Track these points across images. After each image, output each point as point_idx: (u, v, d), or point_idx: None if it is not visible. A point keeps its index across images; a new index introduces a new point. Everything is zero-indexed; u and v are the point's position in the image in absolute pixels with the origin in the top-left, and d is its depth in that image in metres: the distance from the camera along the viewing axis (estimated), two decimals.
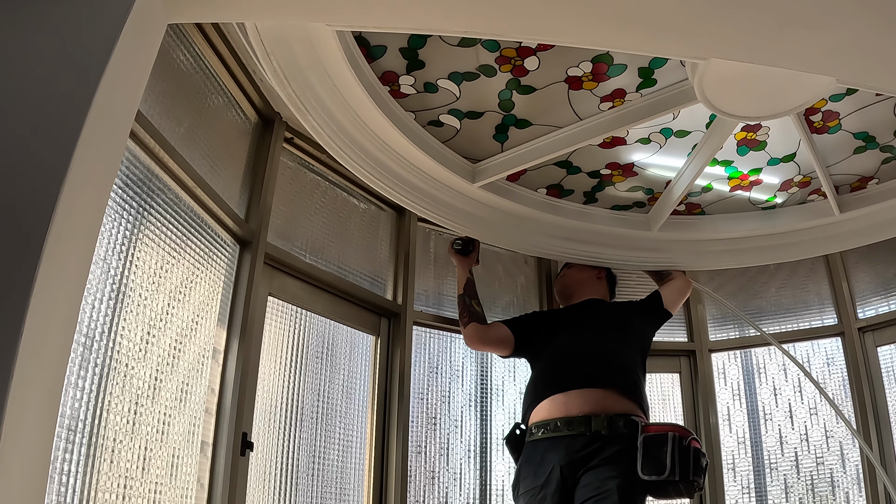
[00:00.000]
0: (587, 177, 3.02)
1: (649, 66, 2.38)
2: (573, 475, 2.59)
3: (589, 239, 3.29)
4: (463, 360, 3.36)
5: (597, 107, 2.58)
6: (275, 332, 2.58)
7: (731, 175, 3.02)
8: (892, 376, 3.35)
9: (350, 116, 2.48)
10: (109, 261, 1.75)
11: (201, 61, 2.26)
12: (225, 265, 2.35)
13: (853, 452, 3.34)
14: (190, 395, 2.11)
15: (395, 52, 2.30)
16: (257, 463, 2.40)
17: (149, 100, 1.89)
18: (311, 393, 2.70)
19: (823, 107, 2.57)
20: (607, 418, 2.64)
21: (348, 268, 2.96)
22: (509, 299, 3.56)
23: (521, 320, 3.14)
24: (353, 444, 2.85)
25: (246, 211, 2.49)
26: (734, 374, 3.68)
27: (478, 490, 3.20)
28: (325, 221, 2.90)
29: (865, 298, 3.52)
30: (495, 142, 2.77)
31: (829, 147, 2.80)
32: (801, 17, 1.72)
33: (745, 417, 3.59)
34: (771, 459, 3.49)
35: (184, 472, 2.06)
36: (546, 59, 2.34)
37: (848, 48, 1.81)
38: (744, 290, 3.75)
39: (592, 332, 2.98)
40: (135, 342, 1.86)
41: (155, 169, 1.95)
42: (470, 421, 3.28)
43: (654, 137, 2.78)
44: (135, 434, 1.85)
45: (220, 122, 2.40)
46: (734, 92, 2.38)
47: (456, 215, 3.03)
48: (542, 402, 2.78)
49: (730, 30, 1.78)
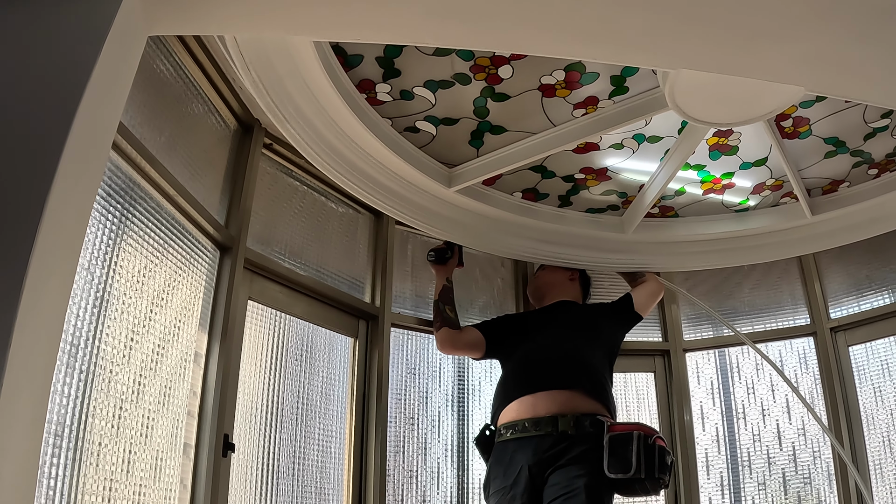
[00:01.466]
0: (562, 181, 3.08)
1: (621, 74, 2.44)
2: (541, 474, 2.64)
3: (564, 241, 3.34)
4: (441, 361, 3.40)
5: (570, 113, 2.63)
6: (255, 336, 2.62)
7: (704, 179, 3.08)
8: (863, 376, 3.43)
9: (328, 124, 2.51)
10: (92, 268, 1.78)
11: (181, 70, 2.29)
12: (206, 270, 2.39)
13: (826, 450, 3.41)
14: (172, 397, 2.14)
15: (371, 60, 2.35)
16: (239, 464, 2.43)
17: (130, 110, 1.92)
18: (291, 395, 2.74)
19: (794, 113, 2.64)
20: (574, 418, 2.69)
21: (327, 271, 3.00)
22: (486, 300, 3.61)
23: (493, 323, 3.19)
24: (333, 444, 2.88)
25: (226, 217, 2.53)
26: (709, 374, 3.75)
27: (455, 489, 3.25)
28: (303, 226, 2.94)
29: (837, 299, 3.59)
30: (471, 147, 2.82)
31: (801, 151, 2.87)
32: (769, 31, 1.77)
33: (720, 416, 3.65)
34: (745, 457, 3.56)
35: (167, 474, 2.09)
36: (520, 68, 2.39)
37: (815, 59, 1.87)
38: (717, 290, 3.82)
39: (561, 333, 3.03)
40: (118, 347, 1.89)
41: (137, 178, 1.98)
42: (448, 421, 3.33)
43: (627, 143, 2.84)
44: (119, 437, 1.88)
45: (199, 129, 2.43)
46: (705, 99, 2.43)
47: (433, 219, 3.08)
48: (511, 403, 2.83)
49: (699, 43, 1.83)
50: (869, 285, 3.50)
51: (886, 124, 2.70)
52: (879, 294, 3.46)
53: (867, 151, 2.87)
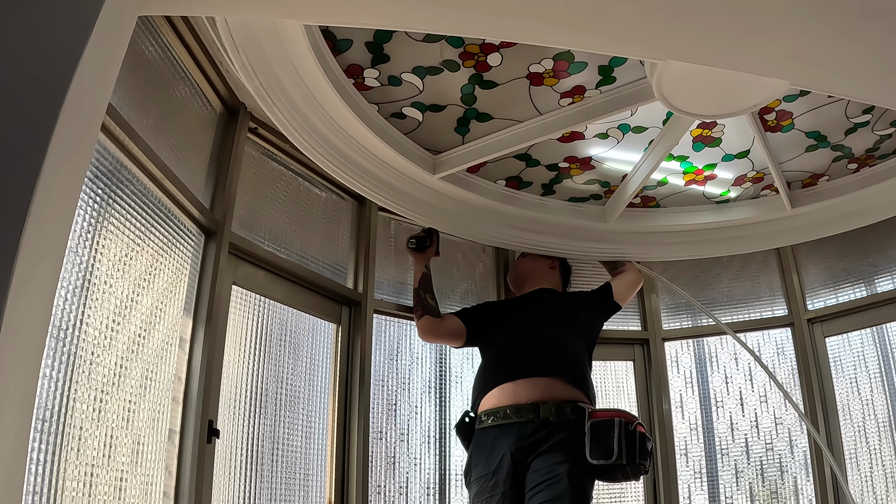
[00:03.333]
0: (546, 169, 3.09)
1: (609, 64, 2.44)
2: (524, 461, 2.66)
3: (546, 230, 3.36)
4: (421, 348, 3.40)
5: (557, 102, 2.64)
6: (239, 321, 2.60)
7: (686, 170, 3.10)
8: (839, 366, 3.48)
9: (315, 108, 2.50)
10: (76, 251, 1.76)
11: (168, 51, 2.26)
12: (191, 255, 2.37)
13: (801, 439, 3.47)
14: (154, 382, 2.12)
15: (360, 46, 2.33)
16: (222, 450, 2.42)
17: (118, 92, 1.89)
18: (274, 380, 2.73)
19: (777, 106, 2.66)
20: (555, 405, 2.71)
21: (310, 257, 2.99)
22: (467, 286, 3.61)
23: (473, 311, 3.20)
24: (316, 430, 2.88)
25: (211, 201, 2.50)
26: (687, 363, 3.79)
27: (436, 474, 3.26)
28: (287, 211, 2.92)
29: (815, 291, 3.64)
30: (457, 134, 2.82)
31: (782, 145, 2.90)
32: (757, 26, 1.79)
33: (698, 404, 3.70)
34: (722, 445, 3.61)
35: (148, 460, 2.08)
36: (508, 56, 2.39)
37: (801, 55, 1.89)
38: (697, 280, 3.85)
39: (541, 321, 3.05)
40: (100, 330, 1.87)
41: (123, 160, 1.96)
42: (428, 407, 3.34)
43: (612, 133, 2.85)
44: (100, 422, 1.87)
45: (186, 112, 2.40)
46: (691, 91, 2.45)
47: (416, 205, 3.08)
48: (492, 390, 2.84)
49: (689, 36, 1.85)
50: (846, 278, 3.55)
51: (867, 120, 2.74)
52: (856, 287, 3.51)
53: (847, 146, 2.91)
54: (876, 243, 3.50)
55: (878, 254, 3.49)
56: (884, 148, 2.92)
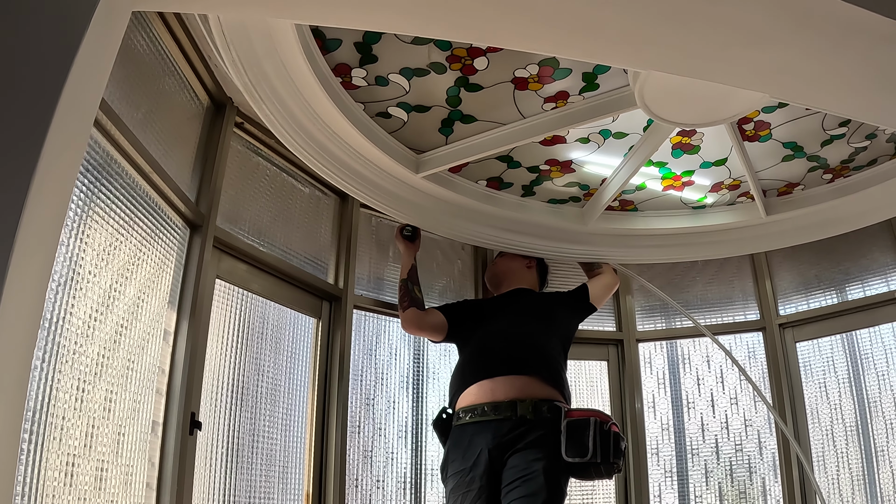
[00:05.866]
0: (526, 171, 3.12)
1: (593, 71, 2.48)
2: (500, 457, 2.70)
3: (525, 230, 3.39)
4: (398, 343, 3.44)
5: (540, 107, 2.67)
6: (221, 314, 2.62)
7: (665, 175, 3.15)
8: (809, 371, 3.56)
9: (302, 106, 2.52)
10: (66, 242, 1.78)
11: (158, 45, 2.27)
12: (176, 248, 2.38)
13: (770, 441, 3.54)
14: (136, 373, 2.13)
15: (349, 45, 2.36)
16: (203, 442, 2.44)
17: (109, 85, 1.90)
18: (255, 374, 2.75)
19: (756, 117, 2.72)
20: (532, 403, 2.75)
21: (292, 252, 3.01)
22: (446, 283, 3.65)
23: (454, 307, 3.23)
24: (295, 423, 2.90)
25: (196, 194, 2.52)
26: (659, 364, 3.85)
27: (410, 469, 3.29)
28: (271, 206, 2.94)
29: (787, 296, 3.72)
30: (440, 135, 2.84)
31: (760, 154, 2.96)
32: (740, 39, 1.83)
33: (669, 405, 3.76)
34: (693, 445, 3.67)
35: (130, 450, 2.09)
36: (495, 60, 2.42)
37: (782, 68, 1.94)
38: (672, 284, 3.91)
39: (518, 320, 3.08)
40: (83, 320, 1.88)
41: (112, 152, 1.97)
42: (405, 402, 3.37)
43: (594, 137, 2.89)
44: (83, 412, 1.88)
45: (174, 105, 2.41)
46: (672, 100, 2.50)
47: (398, 203, 3.10)
48: (470, 387, 2.88)
49: (673, 47, 1.89)
50: (818, 285, 3.62)
51: (843, 132, 2.80)
52: (827, 294, 3.58)
53: (823, 157, 2.97)
54: (848, 252, 3.57)
55: (850, 262, 3.57)
56: (858, 160, 2.98)
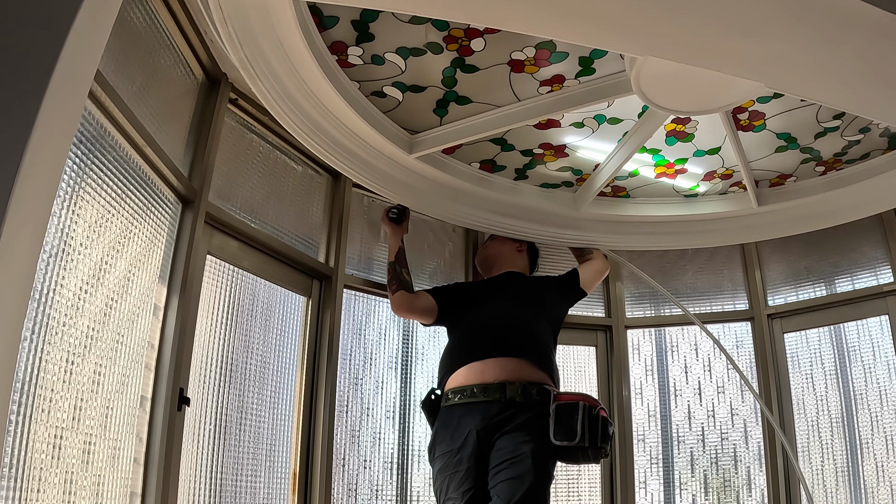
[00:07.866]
0: (520, 155, 3.12)
1: (590, 56, 2.47)
2: (489, 439, 2.71)
3: (517, 214, 3.39)
4: (388, 324, 3.44)
5: (536, 90, 2.66)
6: (211, 291, 2.61)
7: (658, 163, 3.15)
8: (796, 362, 3.58)
9: (297, 83, 2.50)
10: (58, 214, 1.77)
11: (154, 18, 2.25)
12: (167, 223, 2.37)
13: (756, 431, 3.57)
14: (125, 347, 2.13)
15: (346, 23, 2.34)
16: (191, 418, 2.44)
17: (104, 56, 1.89)
18: (244, 351, 2.74)
19: (751, 107, 2.72)
20: (521, 386, 2.76)
21: (283, 229, 3.00)
22: (436, 265, 3.65)
23: (444, 290, 3.23)
24: (283, 402, 2.91)
25: (189, 170, 2.50)
26: (647, 351, 3.86)
27: (397, 450, 3.30)
28: (263, 183, 2.93)
29: (776, 287, 3.73)
30: (435, 115, 2.83)
31: (753, 144, 2.96)
32: (738, 28, 1.83)
33: (656, 392, 3.78)
34: (679, 433, 3.70)
35: (117, 425, 2.09)
36: (492, 42, 2.41)
37: (779, 59, 1.95)
38: (662, 271, 3.92)
39: (509, 303, 3.08)
40: (74, 292, 1.87)
41: (106, 125, 1.95)
42: (393, 383, 3.37)
43: (588, 122, 2.89)
44: (71, 385, 1.88)
45: (168, 80, 2.39)
46: (668, 87, 2.49)
47: (390, 183, 3.09)
48: (459, 369, 2.88)
49: (671, 33, 1.89)
50: (807, 277, 3.64)
51: (837, 125, 2.80)
52: (816, 286, 3.60)
53: (816, 149, 2.98)
54: (838, 245, 3.59)
55: (839, 255, 3.59)
56: (851, 153, 2.99)
